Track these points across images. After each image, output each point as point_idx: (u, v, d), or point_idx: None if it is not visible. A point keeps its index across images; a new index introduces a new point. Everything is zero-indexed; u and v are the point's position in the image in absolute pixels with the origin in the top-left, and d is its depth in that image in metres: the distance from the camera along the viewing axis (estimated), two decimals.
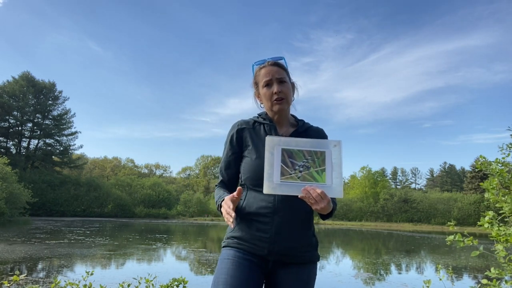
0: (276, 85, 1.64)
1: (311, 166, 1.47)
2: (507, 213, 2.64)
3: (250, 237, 1.57)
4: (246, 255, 1.56)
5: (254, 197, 1.61)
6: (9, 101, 42.61)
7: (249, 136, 1.70)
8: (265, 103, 1.70)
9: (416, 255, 15.00)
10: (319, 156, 1.48)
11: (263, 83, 1.66)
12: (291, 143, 1.50)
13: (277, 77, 1.64)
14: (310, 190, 1.40)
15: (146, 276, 3.02)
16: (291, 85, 1.72)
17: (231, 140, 1.73)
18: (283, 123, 1.73)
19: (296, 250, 1.57)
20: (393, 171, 75.59)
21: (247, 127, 1.72)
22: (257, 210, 1.59)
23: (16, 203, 28.18)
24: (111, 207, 42.29)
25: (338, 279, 8.99)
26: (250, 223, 1.60)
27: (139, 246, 14.59)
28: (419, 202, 45.82)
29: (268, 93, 1.66)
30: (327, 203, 1.39)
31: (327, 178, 1.46)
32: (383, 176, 55.84)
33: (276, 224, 1.55)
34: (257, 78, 1.71)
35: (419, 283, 8.12)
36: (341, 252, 16.37)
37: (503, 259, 2.53)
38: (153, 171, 71.29)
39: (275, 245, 1.54)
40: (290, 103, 1.69)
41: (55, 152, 47.11)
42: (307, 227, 1.62)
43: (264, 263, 1.57)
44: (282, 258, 1.56)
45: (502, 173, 2.74)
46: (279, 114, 1.69)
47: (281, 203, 1.57)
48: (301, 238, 1.59)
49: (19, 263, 9.42)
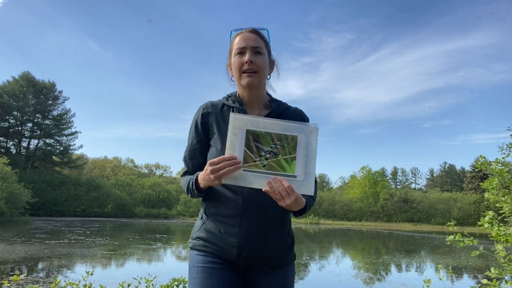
0: (249, 54, 1.41)
1: (280, 153, 1.27)
2: (507, 213, 2.65)
3: (216, 239, 1.40)
4: (215, 258, 1.40)
5: (221, 194, 1.41)
6: (9, 101, 42.59)
7: (215, 122, 1.48)
8: (234, 74, 1.47)
9: (416, 255, 14.99)
10: (290, 141, 1.28)
11: (236, 50, 1.44)
12: (258, 124, 1.30)
13: (253, 46, 1.42)
14: (276, 183, 1.22)
15: (146, 276, 3.02)
16: (269, 60, 1.50)
17: (195, 126, 1.52)
18: (254, 105, 1.50)
19: (269, 254, 1.40)
20: (393, 171, 75.57)
21: (214, 111, 1.50)
22: (224, 210, 1.41)
23: (16, 203, 28.15)
24: (111, 207, 42.25)
25: (338, 279, 8.98)
26: (216, 224, 1.42)
27: (139, 246, 14.58)
28: (419, 202, 45.79)
29: (238, 62, 1.43)
30: (294, 200, 1.21)
31: (297, 168, 1.27)
32: (383, 176, 55.80)
33: (245, 227, 1.37)
34: (232, 46, 1.49)
35: (419, 283, 8.12)
36: (341, 252, 16.36)
37: (503, 259, 2.53)
38: (153, 171, 71.27)
39: (244, 250, 1.37)
40: (263, 78, 1.46)
41: (55, 152, 47.08)
42: (281, 227, 1.44)
43: (235, 267, 1.41)
44: (253, 263, 1.40)
45: (502, 173, 2.74)
46: (249, 91, 1.47)
47: (251, 201, 1.37)
48: (274, 241, 1.41)
49: (19, 263, 9.41)
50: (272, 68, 1.54)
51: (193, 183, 1.39)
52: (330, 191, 59.38)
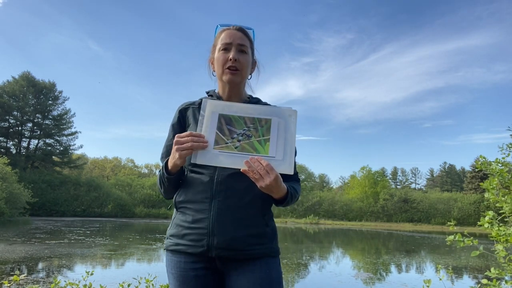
0: (234, 51, 1.41)
1: (253, 135, 1.26)
2: (507, 213, 2.65)
3: (186, 232, 1.33)
4: (188, 259, 1.34)
5: (192, 181, 1.38)
6: (9, 101, 42.61)
7: (192, 115, 1.47)
8: (217, 70, 1.47)
9: (416, 255, 14.99)
10: (263, 124, 1.28)
11: (221, 45, 1.43)
12: (232, 108, 1.30)
13: (239, 43, 1.42)
14: (254, 162, 1.20)
15: (146, 276, 3.03)
16: (252, 60, 1.51)
17: (173, 123, 1.51)
18: (233, 100, 1.47)
19: (242, 242, 1.30)
20: (393, 171, 75.58)
21: (192, 107, 1.50)
22: (193, 196, 1.36)
23: (16, 203, 28.17)
24: (111, 207, 42.26)
25: (338, 279, 8.98)
26: (184, 215, 1.37)
27: (139, 246, 14.58)
28: (419, 202, 45.80)
29: (222, 58, 1.42)
30: (274, 178, 1.17)
31: (270, 149, 1.25)
32: (383, 176, 55.81)
33: (215, 211, 1.30)
34: (216, 41, 1.48)
35: (419, 283, 8.12)
36: (341, 252, 16.36)
37: (503, 259, 2.53)
38: (153, 171, 71.26)
39: (214, 237, 1.28)
40: (244, 77, 1.46)
41: (55, 152, 47.09)
42: (256, 214, 1.34)
43: (210, 262, 1.34)
44: (226, 253, 1.30)
45: (502, 173, 2.74)
46: (230, 88, 1.46)
47: (221, 184, 1.32)
48: (247, 227, 1.31)
49: (19, 263, 9.41)
50: (253, 68, 1.55)
51: (162, 167, 1.37)
52: (330, 191, 59.36)
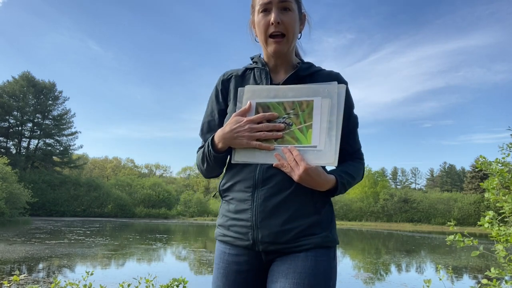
0: (275, 11, 1.18)
1: (293, 123, 1.11)
2: (507, 213, 2.64)
3: (231, 223, 1.21)
4: (233, 251, 1.22)
5: (235, 168, 1.23)
6: (9, 101, 42.60)
7: (233, 86, 1.30)
8: (259, 36, 1.26)
9: (416, 255, 14.99)
10: (304, 108, 1.11)
11: (260, 6, 1.21)
12: (269, 93, 1.15)
13: (279, 0, 1.19)
14: (286, 153, 1.08)
15: (146, 276, 3.02)
16: (299, 17, 1.27)
17: (216, 94, 1.35)
18: (281, 68, 1.29)
19: (289, 235, 1.13)
20: (393, 171, 75.57)
21: (235, 77, 1.32)
22: (236, 185, 1.22)
23: (16, 203, 28.16)
24: (111, 207, 42.25)
25: (338, 279, 8.94)
26: (229, 204, 1.24)
27: (139, 246, 14.58)
28: (419, 202, 45.79)
29: (263, 22, 1.20)
30: (303, 170, 1.05)
31: (313, 137, 1.09)
32: (383, 176, 55.82)
33: (259, 203, 1.15)
34: (255, 0, 1.26)
35: (419, 283, 8.12)
36: (341, 252, 16.36)
37: (503, 259, 2.53)
38: (153, 171, 71.28)
39: (258, 230, 1.14)
40: (292, 41, 1.23)
41: (55, 152, 47.07)
42: (305, 202, 1.16)
43: (255, 256, 1.19)
44: (272, 248, 1.15)
45: (502, 173, 2.74)
46: (276, 58, 1.27)
47: (264, 173, 1.16)
48: (297, 218, 1.14)
49: (19, 263, 9.41)
50: (303, 24, 1.32)
51: (209, 144, 1.23)
52: None
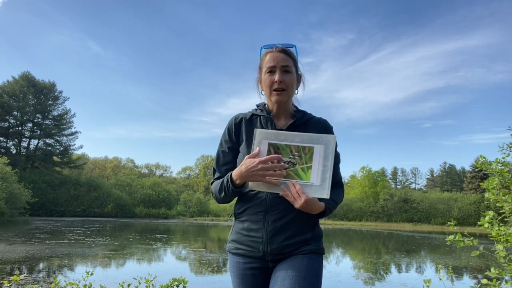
0: (279, 73, 1.55)
1: (297, 163, 1.42)
2: (507, 213, 2.64)
3: (244, 239, 1.56)
4: (246, 260, 1.56)
5: (249, 196, 1.56)
6: (9, 101, 42.61)
7: (245, 129, 1.64)
8: (265, 91, 1.62)
9: (416, 255, 14.99)
10: (307, 152, 1.42)
11: (266, 69, 1.58)
12: (279, 137, 1.45)
13: (282, 65, 1.55)
14: (290, 186, 1.39)
15: (146, 276, 3.03)
16: (297, 76, 1.63)
17: (228, 133, 1.66)
18: (281, 115, 1.65)
19: (291, 247, 1.51)
20: (393, 171, 75.56)
21: (244, 120, 1.66)
22: (249, 209, 1.55)
23: (16, 203, 28.18)
24: (111, 207, 42.27)
25: (338, 279, 8.98)
26: (243, 223, 1.58)
27: (139, 246, 14.58)
28: (419, 202, 45.79)
29: (269, 80, 1.57)
30: (304, 201, 1.37)
31: (312, 176, 1.41)
32: (383, 176, 55.80)
33: (269, 224, 1.51)
34: (262, 63, 1.62)
35: (419, 283, 8.12)
36: (341, 252, 16.35)
37: (503, 259, 2.53)
38: (153, 171, 71.28)
39: (268, 245, 1.51)
40: (291, 95, 1.60)
41: (55, 152, 47.08)
42: (303, 224, 1.54)
43: (264, 263, 1.55)
44: (278, 257, 1.53)
45: (502, 173, 2.73)
46: (278, 107, 1.62)
47: (274, 200, 1.51)
48: (297, 235, 1.52)
49: (19, 263, 9.41)
50: (299, 82, 1.67)
51: (228, 180, 1.51)
52: None
